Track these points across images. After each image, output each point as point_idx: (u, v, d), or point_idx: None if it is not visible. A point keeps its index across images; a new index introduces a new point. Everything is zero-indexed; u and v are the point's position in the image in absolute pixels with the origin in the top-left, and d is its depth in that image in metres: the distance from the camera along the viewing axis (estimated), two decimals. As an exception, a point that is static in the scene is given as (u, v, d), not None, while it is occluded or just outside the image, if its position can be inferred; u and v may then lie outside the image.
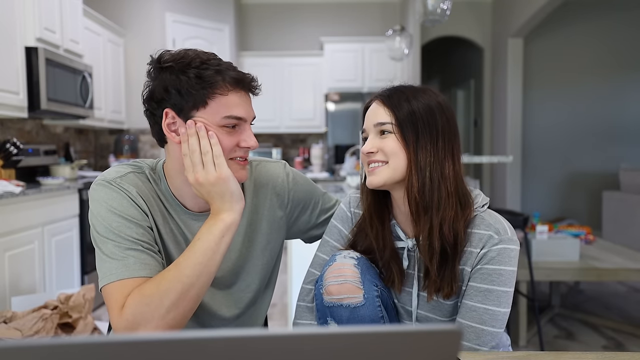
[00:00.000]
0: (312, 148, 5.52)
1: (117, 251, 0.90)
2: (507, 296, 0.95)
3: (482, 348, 0.93)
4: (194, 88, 0.92)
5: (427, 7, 2.92)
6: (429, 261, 0.96)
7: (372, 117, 1.01)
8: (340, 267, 0.97)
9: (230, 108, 0.94)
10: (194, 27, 5.02)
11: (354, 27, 6.04)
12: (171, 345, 0.35)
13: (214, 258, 0.91)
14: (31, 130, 3.61)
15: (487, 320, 0.93)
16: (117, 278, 0.88)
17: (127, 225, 0.92)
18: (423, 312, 1.02)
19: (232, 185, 0.93)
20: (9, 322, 2.03)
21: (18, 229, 2.52)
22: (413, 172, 0.96)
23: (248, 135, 0.97)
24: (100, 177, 0.98)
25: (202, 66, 0.93)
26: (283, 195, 1.14)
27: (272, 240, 1.13)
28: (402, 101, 0.99)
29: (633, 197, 4.41)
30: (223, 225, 0.92)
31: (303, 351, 0.37)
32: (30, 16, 3.02)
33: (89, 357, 0.34)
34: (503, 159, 2.89)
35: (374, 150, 0.99)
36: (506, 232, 0.96)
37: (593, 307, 3.27)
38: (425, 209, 0.96)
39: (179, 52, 0.95)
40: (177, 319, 0.87)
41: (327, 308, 0.97)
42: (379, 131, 1.00)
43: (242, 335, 0.36)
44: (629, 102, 5.93)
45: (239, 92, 0.96)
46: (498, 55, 5.98)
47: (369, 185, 1.00)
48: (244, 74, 0.97)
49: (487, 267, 0.94)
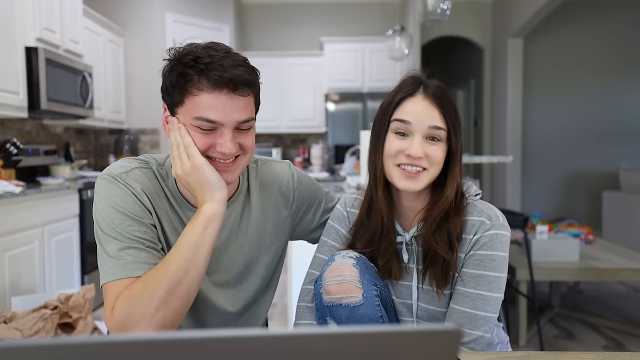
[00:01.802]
0: (312, 148, 5.52)
1: (117, 250, 0.90)
2: (499, 281, 0.96)
3: (476, 332, 0.95)
4: (174, 86, 0.92)
5: (427, 7, 2.92)
6: (447, 252, 0.97)
7: (426, 117, 0.97)
8: (339, 267, 0.97)
9: (200, 109, 0.90)
10: (194, 27, 5.02)
11: (354, 27, 6.04)
12: (171, 345, 0.35)
13: (200, 252, 0.89)
14: (31, 130, 3.62)
15: (479, 305, 0.95)
16: (115, 278, 0.88)
17: (130, 223, 0.92)
18: (423, 304, 1.03)
19: (207, 173, 0.91)
20: (9, 322, 2.03)
21: (18, 229, 2.52)
22: (455, 182, 0.98)
23: (225, 140, 0.92)
24: (106, 172, 0.97)
25: (189, 63, 0.90)
26: (288, 195, 1.14)
27: (277, 241, 1.13)
28: (451, 106, 0.98)
29: (633, 197, 4.41)
30: (204, 218, 0.90)
31: (303, 351, 0.37)
32: (30, 16, 3.02)
33: (89, 357, 0.34)
34: (503, 159, 2.89)
35: (423, 156, 0.96)
36: (498, 218, 0.98)
37: (593, 307, 3.27)
38: (447, 214, 0.98)
39: (190, 46, 0.94)
40: (168, 317, 0.85)
41: (326, 308, 0.97)
42: (430, 135, 0.97)
43: (242, 335, 0.36)
44: (629, 102, 5.93)
45: (214, 94, 0.89)
46: (498, 55, 5.98)
47: (406, 189, 0.98)
48: (232, 76, 0.89)
49: (480, 252, 0.96)
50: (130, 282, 0.87)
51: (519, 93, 5.73)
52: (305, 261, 1.20)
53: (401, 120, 0.97)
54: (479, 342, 0.96)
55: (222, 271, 1.06)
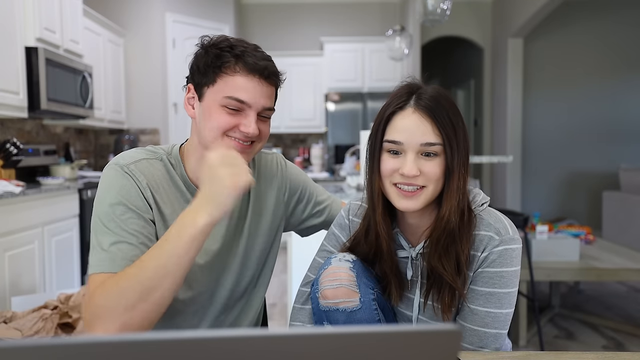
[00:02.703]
0: (312, 148, 5.52)
1: (109, 243, 0.89)
2: (510, 297, 0.92)
3: (485, 350, 0.92)
4: (209, 66, 0.96)
5: (427, 7, 2.92)
6: (455, 278, 0.92)
7: (417, 133, 0.90)
8: (336, 271, 0.95)
9: (233, 89, 0.95)
10: (194, 27, 5.02)
11: (354, 27, 6.04)
12: (170, 345, 0.35)
13: (181, 262, 0.83)
14: (31, 130, 3.61)
15: (489, 323, 0.91)
16: (100, 270, 0.87)
17: (130, 215, 0.92)
18: (424, 317, 1.00)
19: (227, 181, 0.84)
20: (9, 322, 2.03)
21: (18, 229, 2.52)
22: (453, 200, 0.91)
23: (250, 121, 0.97)
24: (115, 160, 0.99)
25: (226, 48, 0.96)
26: (281, 186, 1.17)
27: (272, 229, 1.15)
28: (447, 116, 0.90)
29: (633, 197, 4.41)
30: (194, 231, 0.83)
31: (303, 351, 0.37)
32: (30, 16, 3.02)
33: (89, 357, 0.34)
34: (503, 159, 2.89)
35: (418, 174, 0.90)
36: (507, 231, 0.93)
37: (593, 307, 3.27)
38: (451, 236, 0.92)
39: (223, 36, 1.00)
40: (136, 322, 0.81)
41: (323, 312, 0.96)
42: (423, 152, 0.91)
43: (241, 336, 0.36)
44: (629, 102, 5.93)
45: (248, 77, 0.96)
46: (498, 55, 5.98)
47: (405, 209, 0.93)
48: (266, 65, 0.97)
49: (489, 270, 0.92)
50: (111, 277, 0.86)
51: (519, 93, 5.73)
52: (305, 262, 1.19)
53: (392, 141, 0.92)
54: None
55: (229, 257, 1.08)
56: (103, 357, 0.35)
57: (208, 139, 0.98)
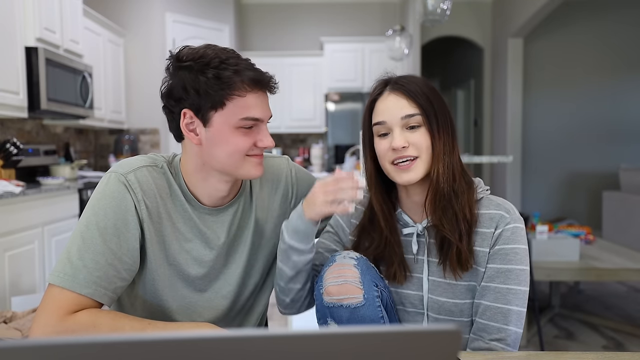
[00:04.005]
0: (312, 148, 5.52)
1: (79, 255, 0.90)
2: (525, 274, 0.98)
3: (511, 327, 0.95)
4: (212, 89, 0.91)
5: (427, 7, 2.93)
6: (459, 240, 0.98)
7: (395, 110, 1.00)
8: (340, 268, 0.97)
9: (247, 109, 0.94)
10: (194, 27, 5.02)
11: (354, 27, 6.04)
12: (171, 345, 0.35)
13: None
14: (31, 130, 3.61)
15: (512, 300, 0.96)
16: (61, 285, 0.88)
17: (113, 232, 0.92)
18: (434, 296, 1.03)
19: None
20: (9, 322, 2.03)
21: (18, 229, 2.52)
22: (440, 163, 0.98)
23: (264, 135, 0.97)
24: (114, 168, 0.98)
25: (221, 66, 0.91)
26: (287, 190, 1.15)
27: (276, 236, 1.13)
28: (420, 91, 0.99)
29: (633, 197, 4.41)
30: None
31: (303, 351, 0.37)
32: (30, 16, 3.02)
33: (89, 357, 0.34)
34: (503, 159, 2.89)
35: (406, 145, 0.98)
36: (515, 211, 1.00)
37: (593, 307, 3.27)
38: (448, 196, 0.98)
39: (198, 50, 0.94)
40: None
41: (327, 308, 0.97)
42: (407, 125, 0.99)
43: (242, 336, 0.36)
44: (629, 102, 5.93)
45: (257, 93, 0.95)
46: (498, 55, 5.98)
47: (407, 183, 1.00)
48: (262, 74, 0.96)
49: (505, 247, 0.97)
50: (76, 298, 0.88)
51: (519, 93, 5.73)
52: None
53: (377, 122, 1.02)
54: (514, 337, 0.96)
55: (228, 267, 1.07)
56: (103, 357, 0.35)
57: (228, 164, 0.96)
